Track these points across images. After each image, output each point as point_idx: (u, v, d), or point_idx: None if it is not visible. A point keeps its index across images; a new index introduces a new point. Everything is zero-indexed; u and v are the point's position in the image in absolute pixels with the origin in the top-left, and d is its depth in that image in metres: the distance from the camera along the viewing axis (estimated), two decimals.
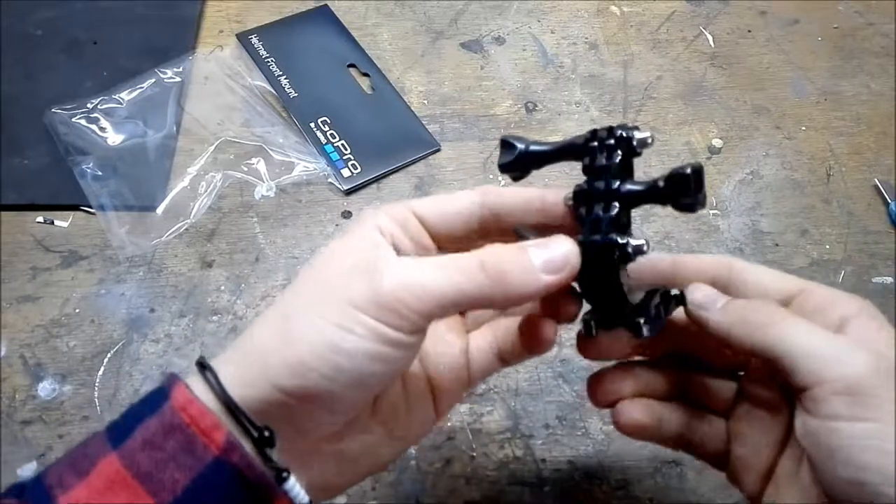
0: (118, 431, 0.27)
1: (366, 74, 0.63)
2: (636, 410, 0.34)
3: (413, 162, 0.58)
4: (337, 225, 0.54)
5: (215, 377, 0.27)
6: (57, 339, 0.48)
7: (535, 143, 0.32)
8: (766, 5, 0.70)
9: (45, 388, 0.46)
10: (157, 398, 0.27)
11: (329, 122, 0.59)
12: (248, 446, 0.27)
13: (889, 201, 0.56)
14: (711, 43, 0.67)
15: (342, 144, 0.58)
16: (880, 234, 0.55)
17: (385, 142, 0.59)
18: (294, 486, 0.27)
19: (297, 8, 0.67)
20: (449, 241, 0.32)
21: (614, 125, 0.30)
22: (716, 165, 0.59)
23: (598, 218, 0.30)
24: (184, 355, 0.48)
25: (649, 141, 0.29)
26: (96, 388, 0.46)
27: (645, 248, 0.29)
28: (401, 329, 0.27)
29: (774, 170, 0.59)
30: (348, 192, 0.56)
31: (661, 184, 0.29)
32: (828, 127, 0.62)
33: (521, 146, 0.32)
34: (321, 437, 0.29)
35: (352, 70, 0.63)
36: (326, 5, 0.68)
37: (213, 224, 0.54)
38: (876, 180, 0.58)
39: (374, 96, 0.62)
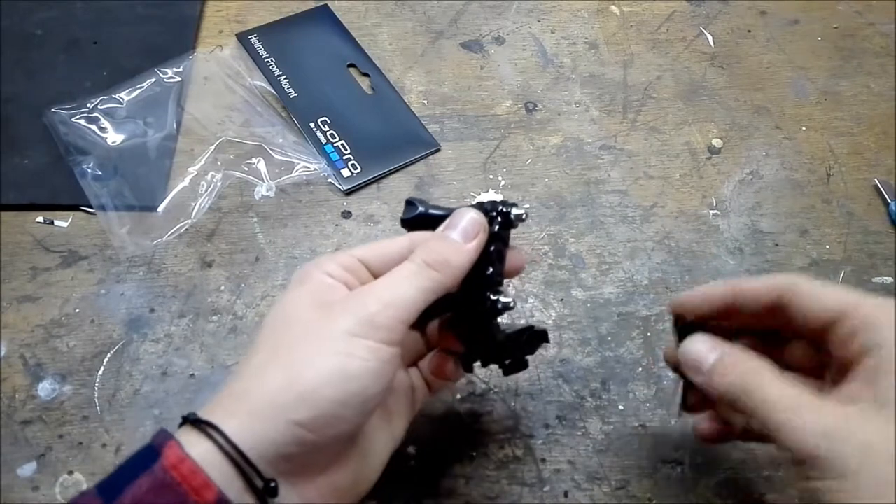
0: (109, 489, 0.27)
1: (366, 74, 0.63)
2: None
3: (413, 162, 0.58)
4: (336, 225, 0.54)
5: (223, 435, 0.28)
6: (57, 339, 0.48)
7: (434, 207, 0.37)
8: (766, 5, 0.70)
9: (45, 388, 0.46)
10: (148, 456, 0.28)
11: (329, 122, 0.59)
12: (248, 499, 0.28)
13: (889, 201, 0.56)
14: (711, 43, 0.67)
15: (342, 144, 0.58)
16: (880, 234, 0.55)
17: (385, 142, 0.59)
18: None
19: (297, 8, 0.67)
20: None
21: (497, 201, 0.36)
22: (716, 165, 0.59)
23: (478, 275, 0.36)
24: (184, 355, 0.48)
25: (524, 217, 0.36)
26: (96, 388, 0.46)
27: (511, 304, 0.36)
28: (391, 342, 0.31)
29: (774, 170, 0.59)
30: (348, 192, 0.56)
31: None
32: (828, 127, 0.62)
33: (420, 208, 0.37)
34: (319, 469, 0.31)
35: (352, 70, 0.63)
36: (326, 5, 0.68)
37: (213, 224, 0.54)
38: (876, 180, 0.58)
39: (374, 96, 0.62)
